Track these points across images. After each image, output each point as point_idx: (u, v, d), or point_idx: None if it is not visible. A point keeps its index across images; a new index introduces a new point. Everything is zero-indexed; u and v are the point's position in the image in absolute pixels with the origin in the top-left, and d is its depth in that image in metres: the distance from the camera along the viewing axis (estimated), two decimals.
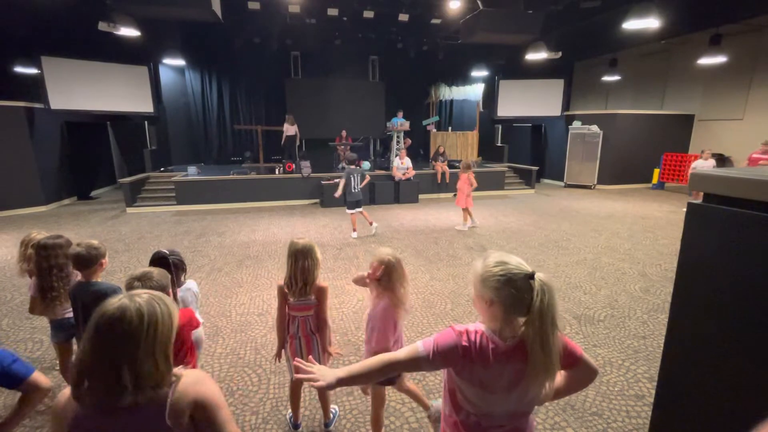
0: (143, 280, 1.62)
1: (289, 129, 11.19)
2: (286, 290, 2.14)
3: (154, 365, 0.95)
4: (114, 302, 0.95)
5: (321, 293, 2.16)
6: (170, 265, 2.09)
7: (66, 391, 0.97)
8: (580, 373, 1.25)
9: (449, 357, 1.15)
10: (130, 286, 1.61)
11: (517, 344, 1.13)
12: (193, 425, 1.00)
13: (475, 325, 1.21)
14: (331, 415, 2.45)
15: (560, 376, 1.27)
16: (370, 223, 6.92)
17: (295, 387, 2.35)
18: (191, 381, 1.02)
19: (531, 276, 1.09)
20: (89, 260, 2.21)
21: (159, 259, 2.14)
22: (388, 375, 1.24)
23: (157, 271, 1.69)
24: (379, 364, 1.19)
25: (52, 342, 2.69)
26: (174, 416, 0.96)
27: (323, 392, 2.36)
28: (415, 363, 1.19)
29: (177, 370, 1.03)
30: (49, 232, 2.62)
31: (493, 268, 1.13)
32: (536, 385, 1.14)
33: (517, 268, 1.12)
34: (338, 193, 6.70)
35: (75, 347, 2.66)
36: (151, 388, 0.95)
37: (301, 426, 2.43)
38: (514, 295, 1.09)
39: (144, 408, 0.95)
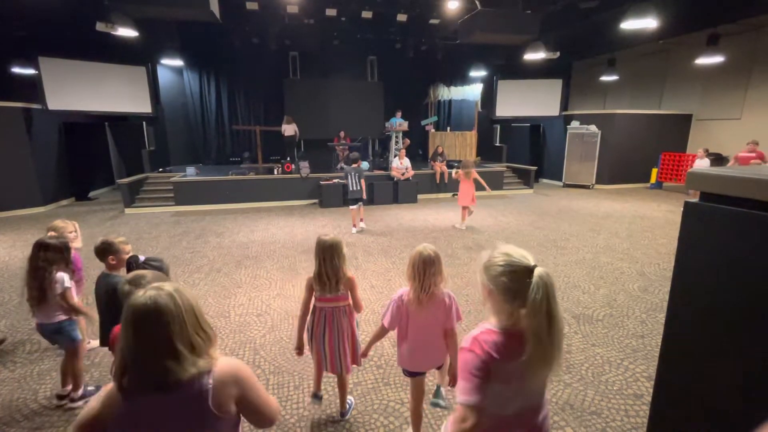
0: (133, 284, 1.58)
1: (288, 129, 11.16)
2: (316, 285, 2.23)
3: (189, 345, 1.00)
4: (141, 295, 1.00)
5: (351, 284, 2.26)
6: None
7: (102, 392, 1.02)
8: None
9: (485, 379, 1.14)
10: (121, 289, 1.59)
11: (518, 335, 1.14)
12: (237, 410, 1.06)
13: (480, 326, 1.22)
14: (347, 406, 2.53)
15: None
16: (360, 220, 7.21)
17: (321, 363, 2.43)
18: (228, 370, 1.06)
19: (531, 270, 1.10)
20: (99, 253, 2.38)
21: (128, 265, 2.13)
22: None
23: (150, 274, 1.67)
24: None
25: None
26: (218, 404, 1.01)
27: (344, 382, 2.44)
28: (478, 415, 1.13)
29: (212, 353, 1.08)
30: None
31: (496, 258, 1.16)
32: (537, 377, 1.14)
33: (518, 260, 1.13)
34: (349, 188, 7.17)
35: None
36: (191, 366, 0.99)
37: (322, 397, 2.58)
38: (510, 286, 1.12)
39: (186, 389, 0.99)
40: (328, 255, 2.15)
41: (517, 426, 1.23)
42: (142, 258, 2.09)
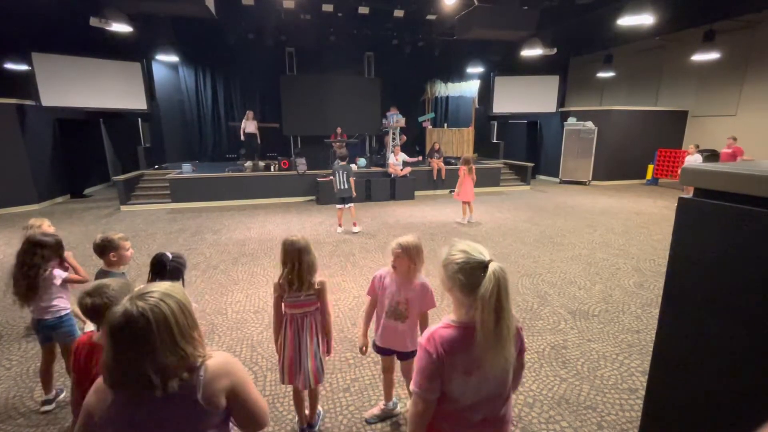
0: (94, 295, 1.48)
1: (249, 126, 11.08)
2: (282, 288, 2.12)
3: (176, 356, 0.97)
4: (118, 309, 0.95)
5: (321, 288, 2.15)
6: (166, 270, 2.02)
7: (97, 384, 1.01)
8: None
9: (435, 373, 1.18)
10: (80, 302, 1.48)
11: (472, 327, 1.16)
12: (227, 405, 1.06)
13: (442, 321, 1.25)
14: (317, 417, 2.44)
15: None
16: (353, 224, 6.91)
17: (298, 390, 2.30)
18: (221, 363, 1.06)
19: (486, 265, 1.12)
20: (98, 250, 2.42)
21: (158, 263, 2.06)
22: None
23: (114, 283, 1.55)
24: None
25: None
26: (207, 397, 1.01)
27: (315, 392, 2.36)
28: (427, 403, 1.21)
29: (206, 351, 1.06)
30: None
31: (453, 255, 1.19)
32: (491, 368, 1.15)
33: (473, 256, 1.16)
34: (336, 187, 6.93)
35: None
36: (179, 377, 0.97)
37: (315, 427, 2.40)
38: (466, 282, 1.14)
39: (176, 395, 0.98)
40: (295, 256, 2.11)
41: (478, 412, 1.24)
42: (170, 255, 2.06)
